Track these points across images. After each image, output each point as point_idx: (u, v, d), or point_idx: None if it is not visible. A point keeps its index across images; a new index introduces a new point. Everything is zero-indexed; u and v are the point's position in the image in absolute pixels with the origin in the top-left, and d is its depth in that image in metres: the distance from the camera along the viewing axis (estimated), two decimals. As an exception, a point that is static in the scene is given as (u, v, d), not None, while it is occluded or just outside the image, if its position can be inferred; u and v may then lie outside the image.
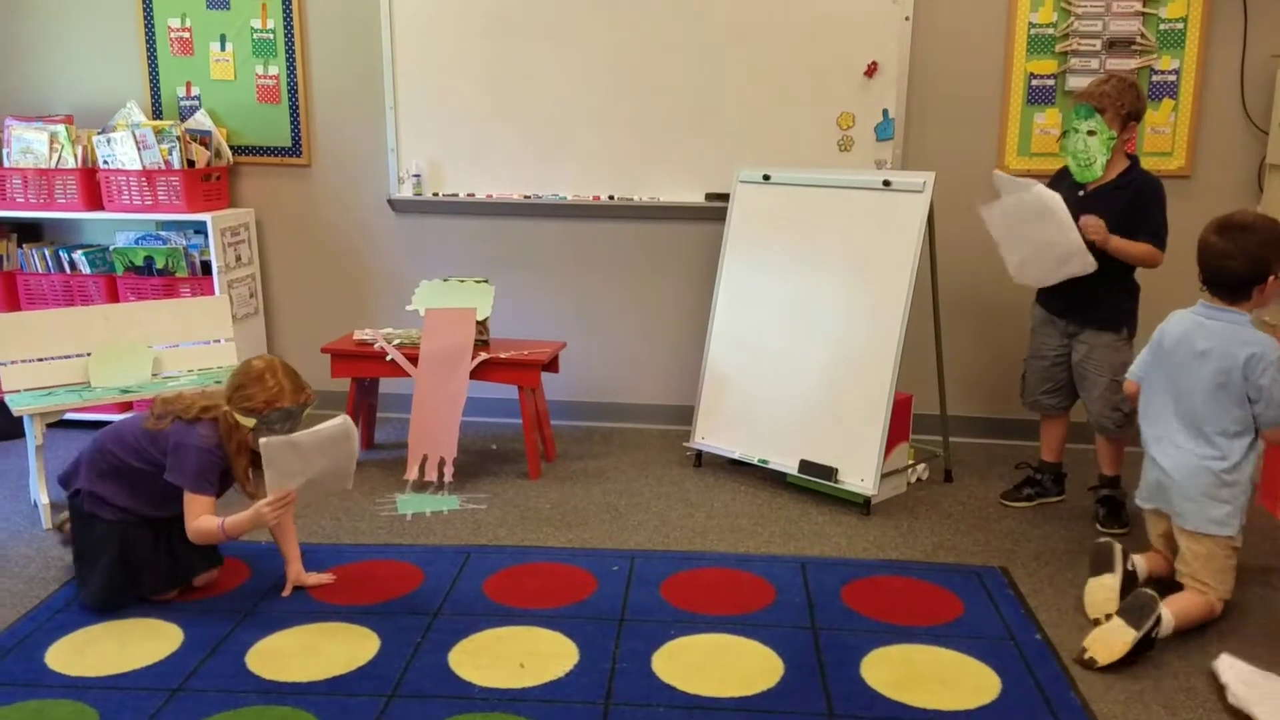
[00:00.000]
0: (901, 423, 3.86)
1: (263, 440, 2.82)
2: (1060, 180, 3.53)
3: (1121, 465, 3.65)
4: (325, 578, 3.14)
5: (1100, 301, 3.49)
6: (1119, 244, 3.36)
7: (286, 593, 3.07)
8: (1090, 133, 3.39)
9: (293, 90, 4.54)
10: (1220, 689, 2.60)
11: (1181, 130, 4.14)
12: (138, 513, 2.97)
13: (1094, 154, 3.39)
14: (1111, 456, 3.64)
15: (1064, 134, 3.54)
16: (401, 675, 2.65)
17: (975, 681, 2.65)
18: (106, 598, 2.94)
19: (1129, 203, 3.39)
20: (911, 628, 2.92)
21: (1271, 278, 2.82)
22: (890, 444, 3.74)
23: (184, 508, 2.90)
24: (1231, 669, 2.60)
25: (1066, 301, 3.54)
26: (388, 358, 4.01)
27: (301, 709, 2.50)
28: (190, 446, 2.88)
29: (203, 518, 2.89)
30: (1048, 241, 3.38)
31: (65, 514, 3.12)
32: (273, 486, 2.86)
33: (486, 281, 4.16)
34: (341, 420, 2.94)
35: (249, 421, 2.88)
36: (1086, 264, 3.36)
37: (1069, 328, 3.58)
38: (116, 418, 4.44)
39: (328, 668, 2.68)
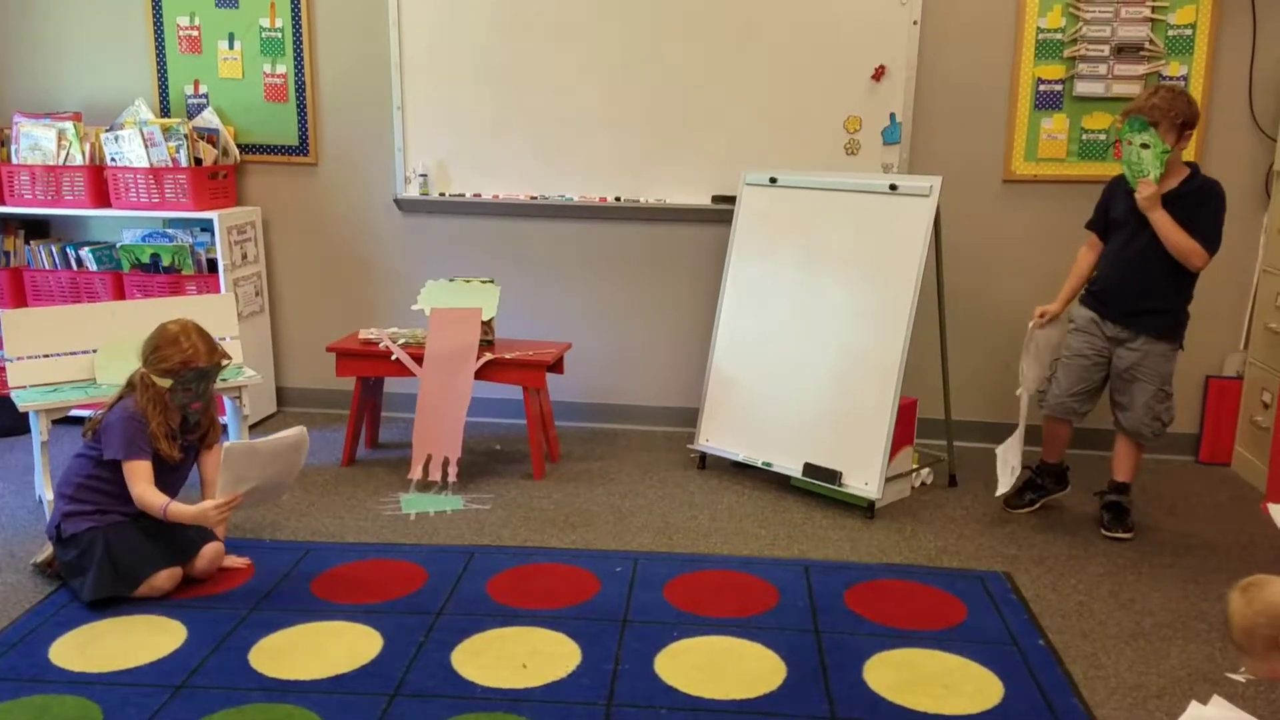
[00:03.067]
0: (906, 427, 3.86)
1: (225, 445, 2.94)
2: (1117, 187, 3.51)
3: (1137, 473, 3.64)
4: (240, 562, 3.23)
5: (1163, 310, 3.45)
6: (1163, 219, 3.31)
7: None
8: (1144, 146, 3.31)
9: (300, 89, 4.55)
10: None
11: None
12: (112, 510, 3.04)
13: (1148, 167, 3.32)
14: (1131, 463, 3.61)
15: (1118, 142, 3.56)
16: (404, 674, 2.65)
17: (978, 686, 2.65)
18: (98, 590, 2.95)
19: (1191, 209, 3.34)
20: (914, 632, 2.91)
21: None
22: (895, 448, 3.74)
23: (126, 478, 3.00)
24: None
25: (1126, 307, 3.47)
26: (393, 357, 4.01)
27: (304, 707, 2.50)
28: (116, 419, 3.01)
29: (144, 485, 2.99)
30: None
31: (48, 552, 3.17)
32: (224, 489, 2.96)
33: (492, 282, 4.17)
34: (299, 431, 3.05)
35: (165, 382, 3.00)
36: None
37: (1121, 333, 3.50)
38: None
39: (331, 666, 2.68)
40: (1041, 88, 4.18)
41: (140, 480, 2.99)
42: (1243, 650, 2.40)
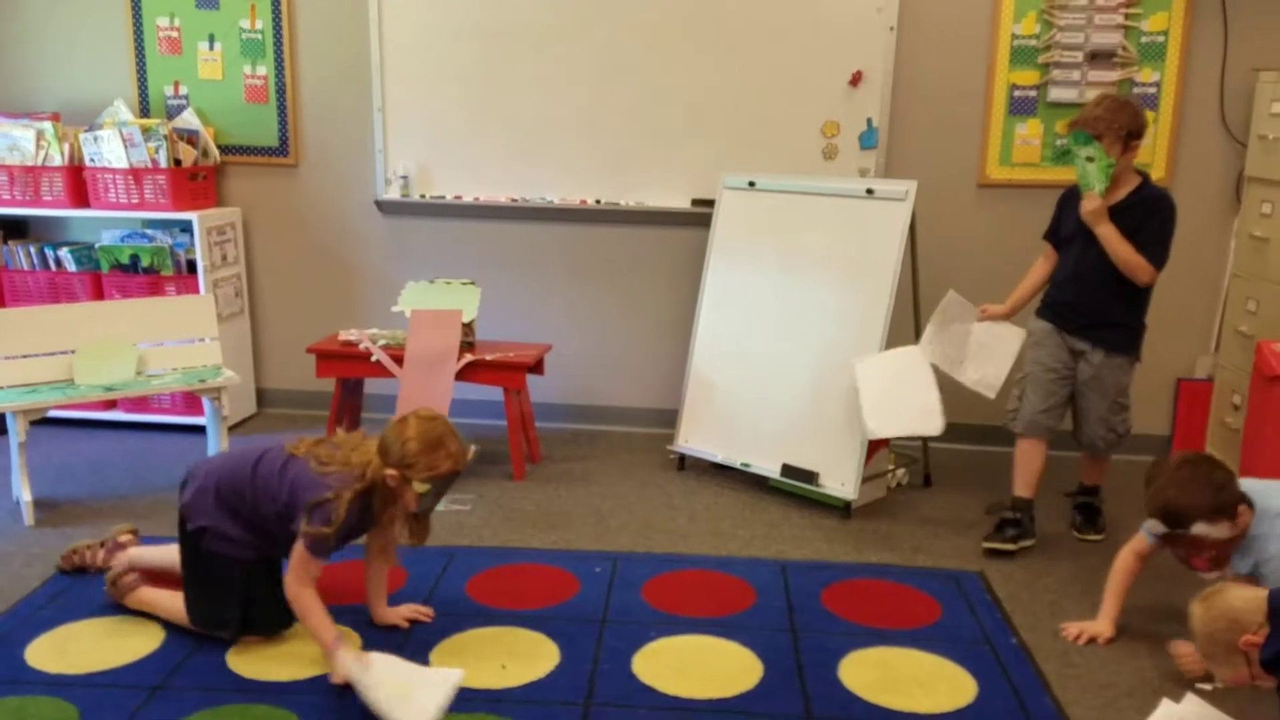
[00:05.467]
0: (883, 428, 3.90)
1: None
2: (1070, 199, 3.44)
3: (1105, 476, 3.68)
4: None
5: (1118, 324, 3.39)
6: (1109, 233, 3.25)
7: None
8: (1089, 159, 3.24)
9: (281, 90, 4.55)
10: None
11: (1161, 142, 4.19)
12: (264, 553, 2.79)
13: (1092, 180, 3.25)
14: (1098, 469, 3.65)
15: (1065, 154, 3.51)
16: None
17: (952, 685, 2.68)
18: (213, 624, 2.80)
19: (1139, 221, 3.27)
20: (890, 631, 2.95)
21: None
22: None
23: (292, 562, 2.67)
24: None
25: (1082, 321, 3.41)
26: (373, 358, 4.01)
27: (283, 708, 2.50)
28: (328, 506, 2.60)
29: (309, 589, 2.65)
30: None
31: (74, 554, 3.08)
32: (356, 677, 2.52)
33: (472, 283, 4.18)
34: (458, 676, 2.55)
35: (424, 488, 2.64)
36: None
37: (1079, 345, 3.44)
38: (100, 415, 4.48)
39: (310, 667, 2.68)
40: (1016, 93, 4.23)
41: (311, 580, 2.65)
42: (1209, 658, 2.44)
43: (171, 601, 2.86)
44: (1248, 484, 2.78)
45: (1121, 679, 2.74)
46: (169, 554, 2.93)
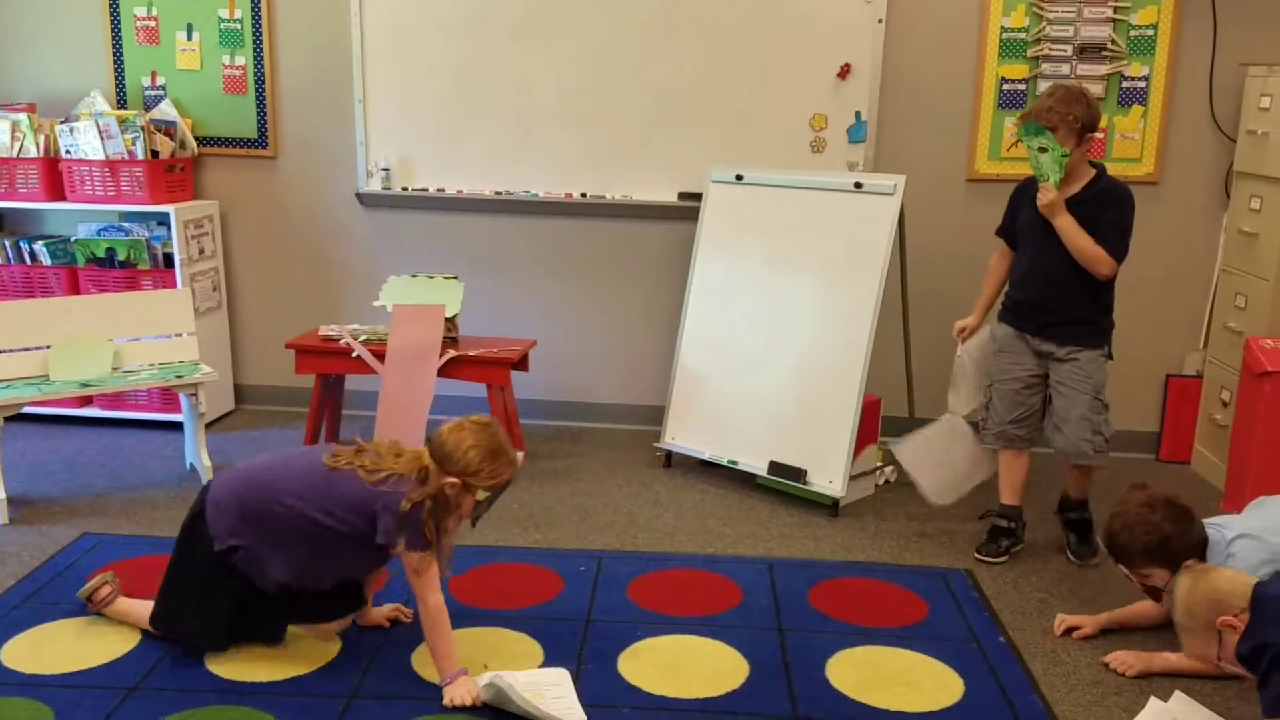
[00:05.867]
0: (870, 425, 3.87)
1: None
2: (1024, 193, 3.34)
3: (1091, 488, 3.45)
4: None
5: (1083, 319, 3.27)
6: (1068, 225, 3.14)
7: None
8: (1041, 149, 3.14)
9: (260, 81, 4.48)
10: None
11: (1150, 137, 4.18)
12: (303, 580, 2.65)
13: (1047, 171, 3.15)
14: (1083, 481, 3.42)
15: (1016, 144, 3.44)
16: (363, 676, 2.62)
17: (939, 683, 2.66)
18: (191, 629, 2.70)
19: (1096, 213, 3.17)
20: (877, 629, 2.92)
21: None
22: (859, 446, 3.74)
23: (418, 577, 2.55)
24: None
25: (1044, 320, 3.29)
26: (354, 354, 3.96)
27: (261, 709, 2.46)
28: (409, 517, 2.53)
29: (438, 593, 2.56)
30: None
31: (99, 587, 2.85)
32: (491, 696, 2.49)
33: (455, 278, 4.13)
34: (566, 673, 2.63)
35: (484, 495, 2.60)
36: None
37: (1045, 345, 3.31)
38: (76, 412, 4.41)
39: (288, 668, 2.64)
40: (1005, 87, 4.20)
41: (437, 582, 2.57)
42: (1183, 629, 2.56)
43: (145, 610, 2.79)
44: (1215, 522, 2.81)
45: (1109, 677, 2.72)
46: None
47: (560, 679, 2.59)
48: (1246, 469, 3.69)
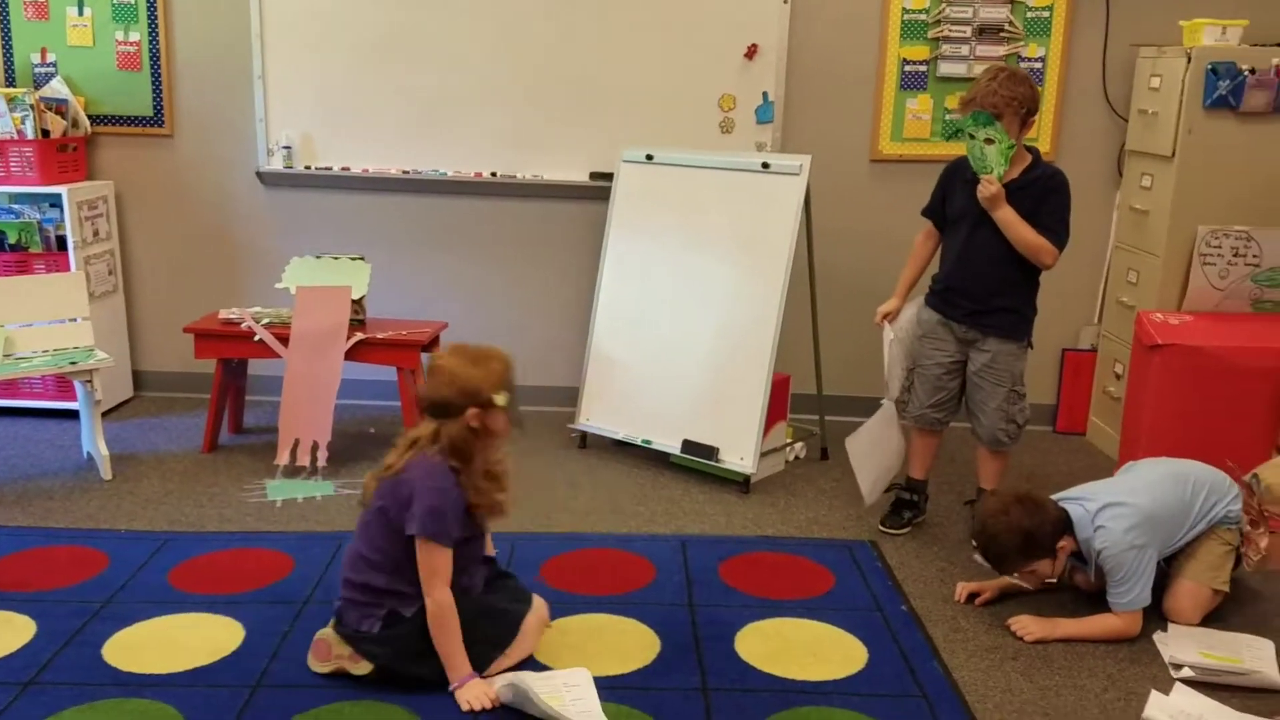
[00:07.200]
0: (780, 402, 3.92)
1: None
2: (955, 175, 3.30)
3: (1003, 480, 3.47)
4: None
5: (1007, 309, 3.25)
6: (1009, 217, 3.11)
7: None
8: (988, 141, 3.07)
9: (155, 57, 4.34)
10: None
11: (1047, 117, 4.28)
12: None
13: (992, 164, 3.09)
14: (996, 470, 3.43)
15: (957, 132, 3.37)
16: (268, 665, 2.57)
17: (844, 652, 2.71)
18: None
19: (1035, 201, 3.14)
20: (785, 601, 2.97)
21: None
22: (769, 423, 3.79)
23: (428, 571, 2.43)
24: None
25: (970, 307, 3.28)
26: (256, 338, 3.87)
27: (161, 701, 2.41)
28: (433, 485, 2.42)
29: (446, 589, 2.43)
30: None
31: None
32: (510, 697, 2.43)
33: (362, 259, 4.06)
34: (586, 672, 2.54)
35: (504, 398, 2.47)
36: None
37: (969, 334, 3.31)
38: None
39: (190, 659, 2.59)
40: (907, 68, 4.27)
41: (443, 575, 2.44)
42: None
43: None
44: (1079, 496, 2.94)
45: (1006, 642, 2.80)
46: None
47: (579, 679, 2.50)
48: (1138, 438, 3.83)
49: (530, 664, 2.60)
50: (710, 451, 3.81)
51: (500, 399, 2.46)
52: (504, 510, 2.57)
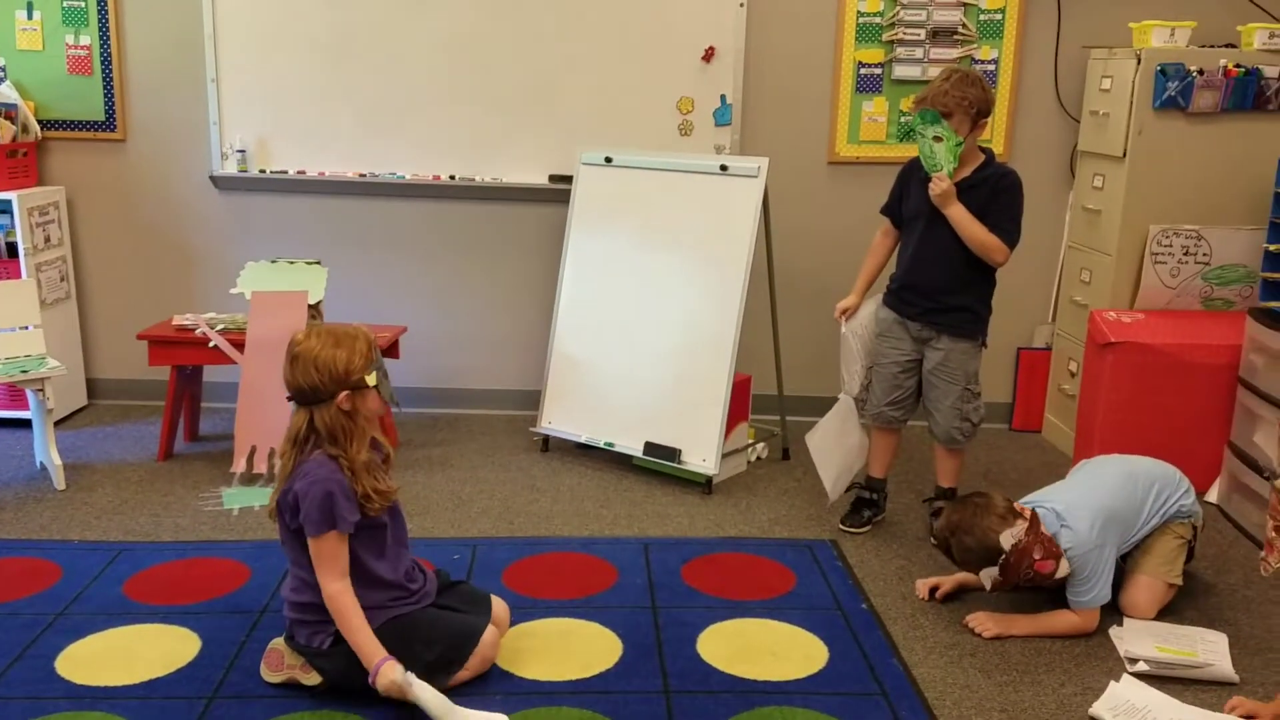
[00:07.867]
0: (741, 403, 3.94)
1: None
2: (911, 174, 3.32)
3: (960, 477, 3.50)
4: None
5: (961, 308, 3.27)
6: (960, 214, 3.14)
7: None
8: (937, 139, 3.11)
9: (106, 61, 4.27)
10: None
11: (1000, 118, 4.33)
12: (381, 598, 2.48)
13: (941, 161, 3.13)
14: (952, 467, 3.45)
15: (911, 133, 3.40)
16: (224, 676, 2.54)
17: (805, 652, 2.73)
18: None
19: (985, 199, 3.17)
20: (746, 602, 2.98)
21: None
22: (730, 424, 3.80)
23: (318, 561, 2.38)
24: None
25: (925, 305, 3.30)
26: (211, 344, 3.82)
27: (115, 714, 2.37)
28: (311, 479, 2.37)
29: (341, 580, 2.37)
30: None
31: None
32: (417, 694, 2.34)
33: (318, 263, 4.02)
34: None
35: (372, 378, 2.40)
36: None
37: (923, 332, 3.33)
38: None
39: (144, 671, 2.55)
40: (862, 71, 4.30)
41: (340, 570, 2.37)
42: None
43: None
44: (1041, 501, 2.97)
45: (965, 640, 2.83)
46: None
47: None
48: (1093, 435, 3.89)
49: (493, 672, 2.58)
50: (672, 453, 3.81)
51: (370, 378, 2.41)
52: (390, 495, 2.50)
